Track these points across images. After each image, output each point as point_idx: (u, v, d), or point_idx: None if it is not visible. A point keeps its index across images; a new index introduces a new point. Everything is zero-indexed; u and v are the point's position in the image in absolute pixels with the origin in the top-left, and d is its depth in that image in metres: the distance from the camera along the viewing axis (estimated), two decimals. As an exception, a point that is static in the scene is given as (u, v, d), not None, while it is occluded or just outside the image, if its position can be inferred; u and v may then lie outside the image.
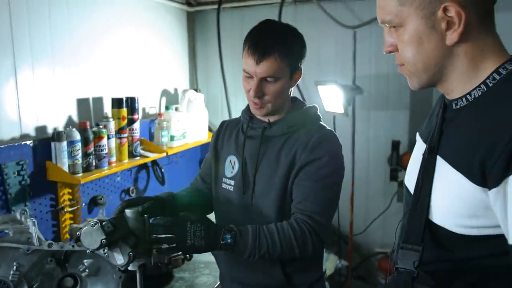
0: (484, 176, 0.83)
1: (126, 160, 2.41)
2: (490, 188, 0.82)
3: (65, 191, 2.12)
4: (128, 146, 2.44)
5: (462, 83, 0.94)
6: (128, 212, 1.40)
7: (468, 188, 0.86)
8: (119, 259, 1.39)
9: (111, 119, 2.30)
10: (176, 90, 3.18)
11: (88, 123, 2.16)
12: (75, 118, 2.28)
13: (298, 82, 1.54)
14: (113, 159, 2.32)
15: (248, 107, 1.60)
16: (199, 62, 3.44)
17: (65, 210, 2.12)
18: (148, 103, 2.88)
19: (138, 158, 2.50)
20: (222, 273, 1.70)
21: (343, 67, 3.03)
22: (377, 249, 3.09)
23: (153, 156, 2.56)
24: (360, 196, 3.12)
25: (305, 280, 1.55)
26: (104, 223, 1.32)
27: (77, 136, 2.09)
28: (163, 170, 2.83)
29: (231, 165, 1.60)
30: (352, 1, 3.04)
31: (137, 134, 2.49)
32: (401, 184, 2.83)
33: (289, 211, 1.47)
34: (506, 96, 0.86)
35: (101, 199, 2.33)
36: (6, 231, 1.50)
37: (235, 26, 3.32)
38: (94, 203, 2.32)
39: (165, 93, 3.06)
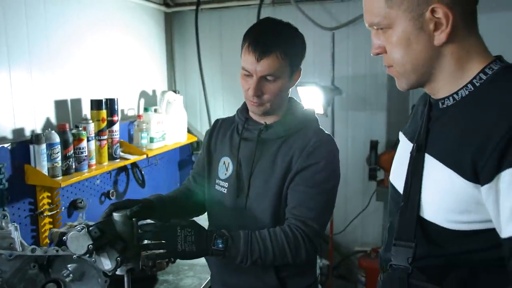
0: (476, 172, 0.85)
1: (106, 163, 2.37)
2: (482, 184, 0.84)
3: (44, 195, 2.07)
4: (108, 148, 2.40)
5: (449, 83, 0.96)
6: (116, 215, 1.37)
7: (459, 184, 0.88)
8: (107, 264, 1.36)
9: (90, 121, 2.26)
10: (154, 91, 3.15)
11: (67, 125, 2.12)
12: (53, 120, 2.23)
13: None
14: (93, 161, 2.28)
15: (244, 107, 1.58)
16: (177, 63, 3.42)
17: (45, 214, 2.07)
18: (127, 104, 2.84)
19: (118, 160, 2.46)
20: (213, 276, 1.68)
21: (321, 68, 3.07)
22: (357, 247, 3.13)
23: (133, 158, 2.52)
24: (339, 195, 3.10)
25: (298, 286, 1.53)
26: (91, 228, 1.29)
27: (56, 138, 2.04)
28: (143, 172, 2.79)
29: (225, 167, 1.56)
30: (329, 3, 3.08)
31: (116, 136, 2.45)
32: (380, 183, 2.89)
33: (284, 215, 1.45)
34: (493, 95, 0.89)
35: (81, 202, 2.28)
36: (-13, 236, 1.46)
37: (213, 27, 3.31)
38: (73, 206, 2.27)
39: (143, 94, 3.02)
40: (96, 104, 2.32)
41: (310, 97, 2.78)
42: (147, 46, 3.07)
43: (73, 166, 2.15)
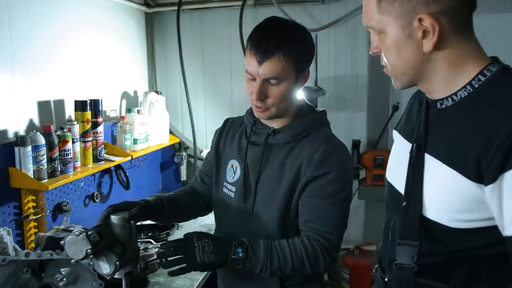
0: (480, 173, 0.87)
1: (90, 165, 2.33)
2: (486, 185, 0.87)
3: (29, 198, 2.02)
4: (93, 150, 2.36)
5: (444, 84, 0.99)
6: (114, 218, 1.35)
7: (462, 184, 0.90)
8: (105, 268, 1.34)
9: (75, 122, 2.22)
10: (135, 92, 3.11)
11: (52, 127, 2.07)
12: (36, 121, 2.18)
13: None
14: (78, 164, 2.24)
15: (251, 109, 1.50)
16: (158, 64, 3.39)
17: (30, 218, 2.02)
18: (108, 105, 2.80)
19: (102, 162, 2.42)
20: (219, 281, 1.66)
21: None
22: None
23: (118, 160, 2.49)
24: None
25: None
26: (89, 232, 1.26)
27: (41, 140, 2.00)
28: (127, 174, 2.76)
29: (233, 170, 1.52)
30: (310, 5, 3.12)
31: (101, 138, 2.41)
32: (362, 182, 2.94)
33: (291, 222, 1.41)
34: (494, 97, 0.92)
35: (66, 205, 2.24)
36: (-21, 241, 1.42)
37: (194, 28, 3.30)
38: (58, 210, 2.22)
39: (125, 95, 2.98)
40: (80, 105, 2.28)
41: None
42: (128, 47, 3.03)
43: (59, 169, 2.10)
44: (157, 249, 1.96)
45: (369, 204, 3.07)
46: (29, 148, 1.94)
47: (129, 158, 2.57)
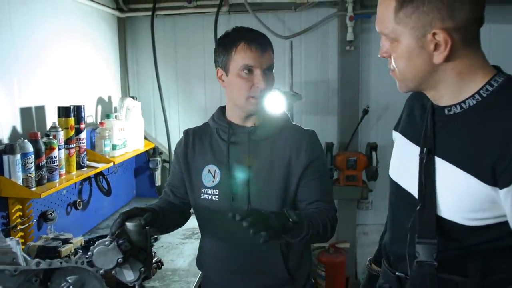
0: (495, 177, 0.96)
1: (74, 172, 2.30)
2: (501, 188, 0.96)
3: (17, 207, 1.97)
4: (76, 156, 2.33)
5: (451, 92, 1.07)
6: (130, 225, 1.37)
7: (476, 186, 1.00)
8: (129, 275, 1.35)
9: (60, 129, 2.18)
10: (110, 98, 3.08)
11: (39, 134, 2.03)
12: (19, 129, 2.12)
13: None
14: (63, 171, 2.20)
15: (219, 114, 1.61)
16: (130, 69, 3.37)
17: (18, 228, 1.97)
18: (85, 111, 2.75)
19: (85, 169, 2.39)
20: (213, 281, 1.70)
21: (277, 75, 3.19)
22: (315, 243, 3.29)
23: (101, 166, 2.47)
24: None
25: (302, 274, 1.62)
26: (120, 241, 1.28)
27: (30, 148, 1.95)
28: (108, 180, 2.73)
29: (211, 175, 1.59)
30: (282, 13, 3.23)
31: (83, 144, 2.38)
32: (335, 182, 3.07)
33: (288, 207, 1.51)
34: (505, 106, 1.01)
35: (51, 214, 2.19)
36: (-12, 252, 1.38)
37: (167, 33, 3.32)
38: (44, 218, 2.17)
39: (100, 101, 2.95)
40: (64, 112, 2.25)
41: (274, 102, 2.89)
42: (101, 52, 3.00)
43: (46, 176, 2.06)
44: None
45: (342, 203, 3.20)
46: (19, 156, 1.89)
47: (111, 164, 2.55)
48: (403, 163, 1.26)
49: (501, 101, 1.02)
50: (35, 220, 2.10)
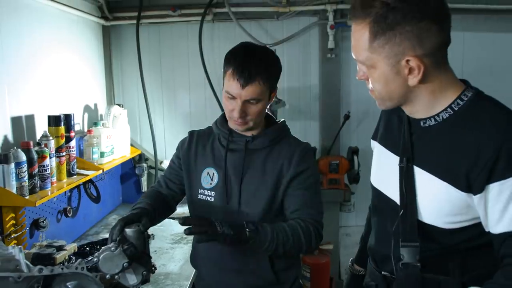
0: (469, 184, 1.08)
1: (65, 180, 2.32)
2: (475, 194, 1.09)
3: (10, 216, 1.99)
4: (66, 164, 2.35)
5: (425, 107, 1.17)
6: (129, 231, 1.44)
7: (454, 194, 1.12)
8: (132, 279, 1.43)
9: (51, 138, 2.21)
10: (95, 105, 3.10)
11: (31, 143, 2.06)
12: (10, 138, 2.14)
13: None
14: (54, 179, 2.23)
15: (222, 120, 1.70)
16: (115, 77, 3.39)
17: (12, 236, 1.99)
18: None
19: (75, 177, 2.42)
20: (208, 281, 1.77)
21: (260, 82, 3.28)
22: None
23: (91, 173, 2.50)
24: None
25: (289, 277, 1.71)
26: (125, 247, 1.35)
27: (23, 157, 1.98)
28: (98, 187, 2.76)
29: (210, 177, 1.69)
30: (265, 21, 3.31)
31: (73, 152, 2.41)
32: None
33: (273, 215, 1.62)
34: (474, 120, 1.10)
35: (43, 222, 2.21)
36: (-9, 260, 1.42)
37: (152, 41, 3.36)
38: (35, 226, 2.19)
39: (86, 109, 2.97)
40: (54, 120, 2.28)
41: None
42: (87, 60, 3.02)
43: (38, 185, 2.09)
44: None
45: (325, 206, 3.26)
46: (13, 165, 1.92)
47: (100, 171, 2.59)
48: (383, 171, 1.36)
49: (470, 114, 1.12)
50: (27, 228, 2.13)
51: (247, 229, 1.46)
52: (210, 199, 1.67)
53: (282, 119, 1.77)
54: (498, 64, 3.17)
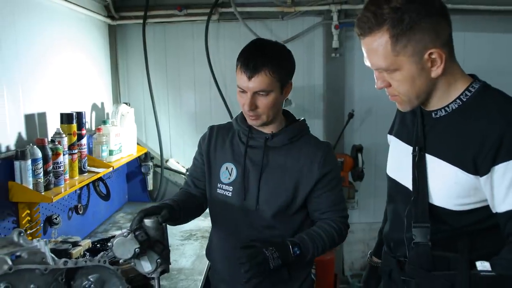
0: (476, 168, 1.15)
1: (77, 177, 2.35)
2: (481, 176, 1.15)
3: (26, 212, 2.01)
4: (78, 162, 2.37)
5: (440, 99, 1.25)
6: (147, 221, 1.47)
7: (462, 177, 1.19)
8: (147, 266, 1.45)
9: (64, 135, 2.23)
10: (102, 104, 3.12)
11: (46, 140, 2.08)
12: (24, 135, 2.16)
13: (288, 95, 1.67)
14: (67, 176, 2.25)
15: (242, 117, 1.72)
16: (120, 76, 3.41)
17: (28, 232, 2.01)
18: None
19: (86, 174, 2.44)
20: (222, 276, 1.80)
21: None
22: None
23: (102, 171, 2.52)
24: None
25: (302, 274, 1.74)
26: (137, 232, 1.38)
27: (39, 153, 2.00)
28: (108, 185, 2.78)
29: (228, 172, 1.71)
30: (269, 21, 3.35)
31: (85, 150, 2.43)
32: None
33: (289, 213, 1.66)
34: (481, 109, 1.19)
35: (56, 218, 2.23)
36: (18, 253, 1.44)
37: (157, 41, 3.38)
38: (49, 223, 2.21)
39: (94, 107, 2.99)
40: (66, 118, 2.30)
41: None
42: (94, 59, 3.04)
43: (52, 181, 2.11)
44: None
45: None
46: (29, 161, 1.94)
47: (111, 169, 2.61)
48: (398, 161, 1.43)
49: (477, 104, 1.21)
50: (42, 225, 2.14)
51: (293, 256, 1.53)
52: (228, 193, 1.70)
53: (302, 118, 1.78)
54: (499, 64, 3.23)
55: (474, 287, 1.13)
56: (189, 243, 2.58)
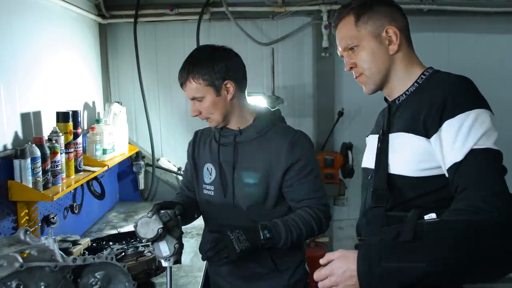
0: (426, 129, 1.23)
1: (73, 176, 2.34)
2: (430, 136, 1.21)
3: (25, 211, 2.00)
4: (74, 161, 2.37)
5: (400, 83, 1.37)
6: (164, 212, 1.52)
7: (416, 142, 1.25)
8: (165, 250, 1.52)
9: (60, 134, 2.22)
10: (94, 103, 3.11)
11: (43, 139, 2.07)
12: (20, 134, 2.14)
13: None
14: (64, 175, 2.24)
15: None
16: (111, 75, 3.40)
17: (27, 231, 1.99)
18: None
19: (82, 173, 2.44)
20: (215, 270, 1.87)
21: (255, 80, 3.36)
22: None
23: (97, 170, 2.51)
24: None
25: (289, 264, 1.77)
26: (161, 213, 1.47)
27: (37, 152, 1.99)
28: (102, 184, 2.77)
29: (209, 172, 1.78)
30: (260, 21, 3.39)
31: (80, 149, 2.43)
32: (315, 180, 3.24)
33: (268, 205, 1.70)
34: (432, 85, 1.31)
35: (53, 218, 2.22)
36: (27, 251, 1.44)
37: (148, 40, 3.38)
38: (46, 222, 2.20)
39: (85, 106, 2.97)
40: (63, 117, 2.29)
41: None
42: (85, 58, 3.02)
43: (50, 180, 2.10)
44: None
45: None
46: (29, 160, 1.93)
47: (106, 168, 2.60)
48: (369, 152, 1.51)
49: (429, 82, 1.34)
50: (39, 224, 2.13)
51: (262, 238, 1.55)
52: (211, 193, 1.76)
53: (276, 108, 1.84)
54: (482, 64, 3.34)
55: (418, 233, 1.12)
56: (186, 241, 2.58)
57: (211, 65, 1.62)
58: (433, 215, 1.20)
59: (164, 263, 1.55)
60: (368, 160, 1.47)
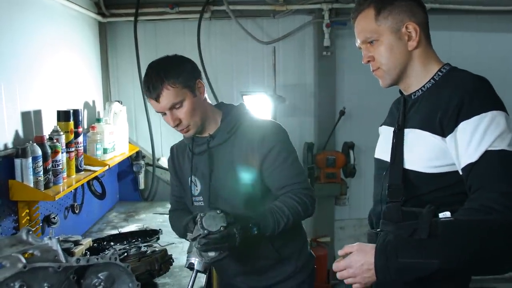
0: (442, 129, 1.24)
1: (74, 175, 2.31)
2: (446, 136, 1.23)
3: (26, 211, 1.97)
4: (75, 160, 2.34)
5: (417, 79, 1.37)
6: (230, 215, 1.55)
7: (431, 140, 1.27)
8: (211, 253, 1.54)
9: (61, 133, 2.20)
10: (94, 102, 3.08)
11: (44, 137, 2.05)
12: (20, 133, 2.11)
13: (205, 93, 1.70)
14: (65, 174, 2.22)
15: None
16: (111, 73, 3.37)
17: (28, 231, 1.97)
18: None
19: (83, 172, 2.41)
20: (221, 269, 1.87)
21: (256, 79, 3.35)
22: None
23: (98, 169, 2.49)
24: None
25: (292, 250, 1.79)
26: (228, 214, 1.51)
27: (38, 151, 1.96)
28: (103, 183, 2.74)
29: (194, 184, 1.79)
30: (260, 19, 3.37)
31: (81, 148, 2.40)
32: (316, 180, 3.24)
33: (255, 197, 1.70)
34: (448, 83, 1.31)
35: (54, 218, 2.20)
36: (30, 251, 1.41)
37: (148, 38, 3.36)
38: (47, 222, 2.18)
39: (86, 105, 2.95)
40: (64, 115, 2.26)
41: (256, 105, 3.03)
42: (85, 57, 2.99)
43: (51, 180, 2.08)
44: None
45: (321, 200, 3.38)
46: (30, 159, 1.90)
47: (107, 167, 2.58)
48: (383, 143, 1.52)
49: (446, 80, 1.33)
50: (40, 224, 2.11)
51: (250, 235, 1.56)
52: (201, 203, 1.77)
53: (240, 103, 1.82)
54: (484, 62, 3.32)
55: (433, 230, 1.17)
56: (187, 242, 2.56)
57: (180, 67, 1.63)
58: (447, 214, 1.21)
59: (197, 266, 1.55)
60: (382, 152, 1.48)
